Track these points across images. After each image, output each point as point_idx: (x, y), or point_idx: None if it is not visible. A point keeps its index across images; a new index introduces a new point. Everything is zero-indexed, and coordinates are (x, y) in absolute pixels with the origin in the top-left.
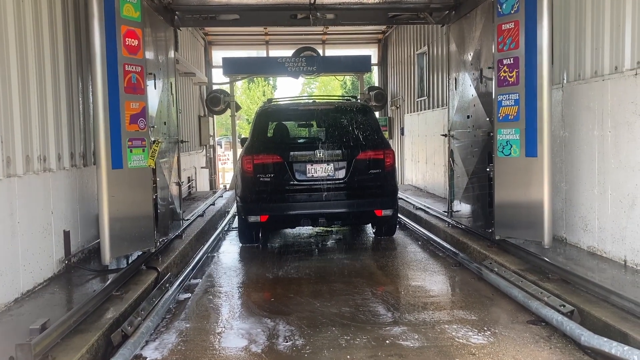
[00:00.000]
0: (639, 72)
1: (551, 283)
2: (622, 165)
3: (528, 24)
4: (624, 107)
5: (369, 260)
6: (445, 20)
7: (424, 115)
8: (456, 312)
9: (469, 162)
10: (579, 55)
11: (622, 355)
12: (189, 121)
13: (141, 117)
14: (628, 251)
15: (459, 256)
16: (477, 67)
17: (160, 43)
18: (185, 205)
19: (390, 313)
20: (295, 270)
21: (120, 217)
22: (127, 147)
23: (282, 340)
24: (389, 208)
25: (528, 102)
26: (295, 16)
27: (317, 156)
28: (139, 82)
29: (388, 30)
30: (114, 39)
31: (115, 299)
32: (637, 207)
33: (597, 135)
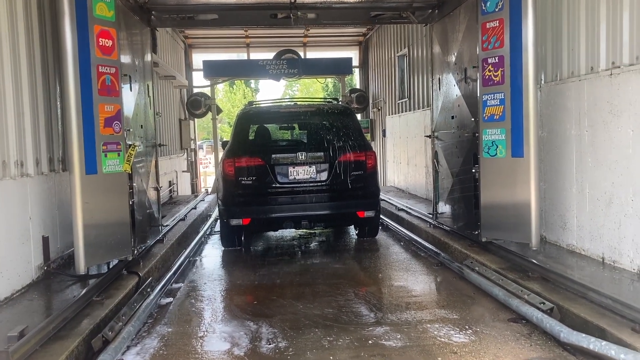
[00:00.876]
0: (613, 73)
1: (531, 281)
2: (599, 164)
3: (513, 21)
4: (599, 107)
5: (351, 261)
6: (428, 19)
7: (405, 117)
8: (438, 312)
9: (454, 163)
10: (556, 56)
11: (600, 350)
12: (169, 125)
13: (116, 120)
14: (606, 248)
15: (440, 256)
16: (461, 67)
17: (137, 44)
18: (167, 209)
19: (372, 313)
20: (278, 272)
21: (95, 225)
22: (101, 151)
23: (265, 343)
24: (371, 209)
25: (514, 101)
26: (275, 16)
27: (299, 158)
28: (114, 84)
29: (369, 32)
30: (86, 39)
31: (95, 304)
32: (613, 205)
33: (574, 135)
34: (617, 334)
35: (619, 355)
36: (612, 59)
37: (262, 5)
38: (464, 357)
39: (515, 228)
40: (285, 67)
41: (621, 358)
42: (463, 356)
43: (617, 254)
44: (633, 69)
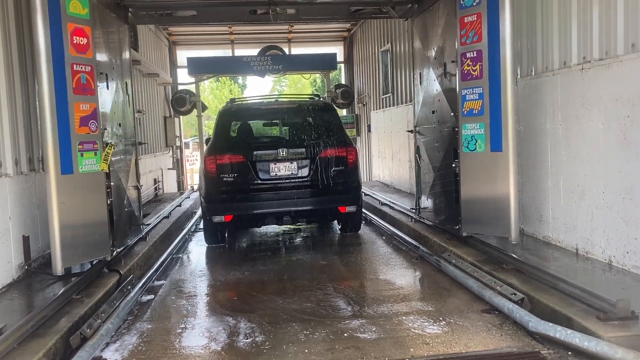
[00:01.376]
0: (585, 67)
1: (505, 273)
2: (572, 157)
3: (490, 15)
4: (572, 101)
5: (333, 256)
6: (408, 14)
7: (389, 112)
8: (414, 304)
9: (435, 158)
10: (531, 51)
11: (565, 338)
12: (153, 122)
13: (92, 119)
14: (579, 240)
15: (420, 250)
16: (441, 62)
17: (114, 42)
18: (152, 207)
19: (350, 307)
20: (260, 268)
21: (72, 225)
22: (77, 151)
23: (242, 337)
24: (352, 204)
25: (492, 95)
26: (254, 12)
27: (281, 155)
28: (89, 82)
29: (353, 28)
30: (60, 37)
31: (75, 302)
32: (586, 198)
33: (549, 129)
34: (583, 323)
35: (582, 342)
36: (584, 54)
37: (241, 1)
38: (435, 348)
39: (495, 222)
40: (270, 63)
41: (585, 345)
42: (435, 347)
43: (589, 245)
44: (603, 64)
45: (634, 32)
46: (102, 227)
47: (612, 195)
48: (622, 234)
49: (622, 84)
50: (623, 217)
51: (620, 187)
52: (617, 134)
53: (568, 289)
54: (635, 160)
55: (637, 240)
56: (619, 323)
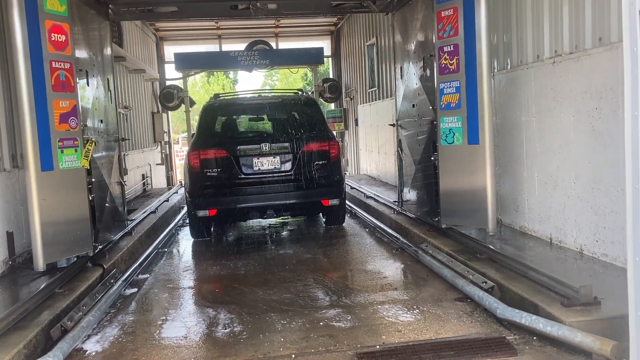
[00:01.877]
0: (556, 61)
1: (479, 262)
2: (546, 149)
3: (466, 9)
4: (545, 94)
5: (316, 248)
6: (389, 8)
7: (375, 105)
8: (390, 293)
9: (416, 151)
10: (507, 45)
11: (530, 324)
12: (140, 118)
13: (72, 116)
14: (553, 229)
15: (400, 241)
16: (420, 56)
17: (94, 38)
18: (139, 202)
19: (328, 297)
20: (244, 261)
21: (53, 221)
22: (57, 147)
23: (221, 328)
24: (335, 197)
25: (469, 89)
26: (235, 7)
27: (264, 149)
28: (69, 79)
29: (339, 22)
30: (37, 35)
31: (58, 295)
32: (559, 188)
33: (524, 121)
34: (547, 309)
35: (545, 327)
36: (555, 48)
37: None
38: (406, 335)
39: (473, 213)
40: (257, 58)
41: (547, 330)
42: (406, 334)
43: (562, 234)
44: (572, 57)
45: (601, 26)
46: (83, 223)
47: (582, 185)
48: (591, 223)
49: (591, 77)
50: (592, 206)
51: (590, 177)
52: (586, 125)
53: (537, 277)
54: (603, 151)
55: (605, 229)
56: (582, 308)
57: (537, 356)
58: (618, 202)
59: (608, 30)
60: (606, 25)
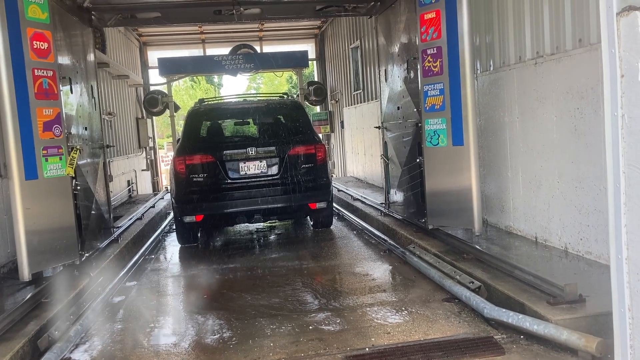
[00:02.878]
0: (538, 62)
1: (465, 262)
2: (529, 149)
3: (449, 12)
4: (528, 95)
5: (304, 252)
6: (372, 11)
7: (360, 108)
8: (378, 295)
9: (402, 153)
10: (489, 46)
11: (517, 323)
12: (125, 124)
13: (56, 123)
14: (538, 228)
15: (387, 243)
16: (404, 59)
17: (77, 45)
18: (125, 209)
19: (316, 301)
20: (232, 266)
21: (38, 230)
22: (42, 156)
23: (210, 334)
24: (322, 200)
25: (452, 91)
26: (219, 12)
27: (250, 154)
28: (52, 87)
29: (323, 25)
30: (19, 42)
31: (44, 305)
32: (543, 188)
33: (507, 122)
34: (534, 307)
35: (532, 326)
36: (537, 49)
37: (205, 2)
38: (395, 337)
39: (458, 214)
40: (242, 62)
41: (534, 329)
42: (395, 335)
43: (547, 233)
44: (554, 58)
45: (581, 28)
46: (69, 231)
47: (566, 184)
48: (575, 221)
49: (572, 78)
50: (576, 205)
51: (573, 176)
52: (568, 125)
53: (523, 276)
54: (585, 150)
55: (589, 227)
56: (567, 306)
57: (524, 355)
58: (601, 200)
59: (587, 32)
60: (585, 27)
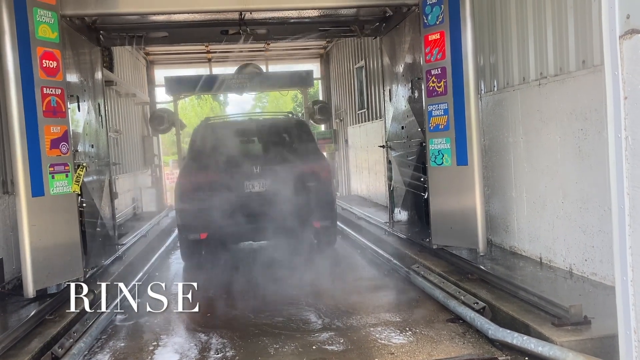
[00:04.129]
0: (542, 83)
1: (470, 283)
2: (534, 169)
3: (453, 34)
4: (531, 115)
5: (307, 270)
6: (377, 32)
7: (364, 127)
8: (382, 315)
9: (406, 173)
10: (494, 67)
11: (522, 344)
12: (131, 142)
13: (63, 141)
14: (542, 249)
15: (391, 262)
16: (408, 79)
17: (85, 63)
18: (129, 226)
19: (320, 320)
20: (235, 285)
21: (43, 247)
22: (48, 173)
23: (213, 353)
24: (326, 219)
25: (457, 111)
26: (226, 32)
27: (254, 172)
28: (60, 105)
29: (329, 45)
30: (29, 61)
31: (48, 322)
32: (547, 208)
33: (511, 142)
34: (538, 329)
35: (537, 347)
36: (540, 70)
37: (211, 22)
38: (399, 357)
39: (463, 234)
40: (247, 81)
41: (539, 350)
42: (399, 356)
43: (552, 254)
44: (557, 79)
45: (584, 49)
46: (74, 248)
47: (570, 205)
48: (580, 242)
49: (575, 99)
50: (581, 226)
51: (578, 197)
52: (572, 146)
53: (527, 297)
54: (590, 171)
55: (594, 248)
56: (572, 328)
57: None
58: (606, 221)
59: (591, 54)
60: (589, 49)
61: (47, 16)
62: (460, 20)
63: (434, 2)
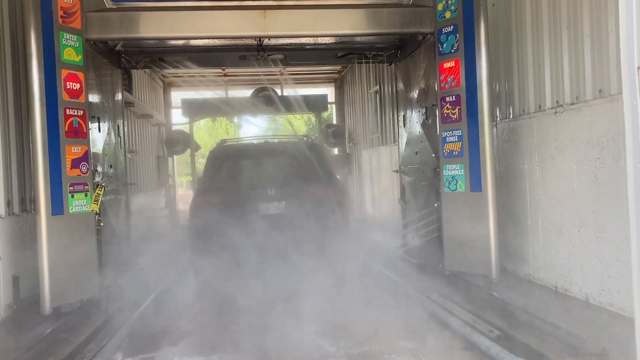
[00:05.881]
0: (558, 111)
1: (485, 310)
2: (549, 197)
3: (467, 62)
4: (547, 143)
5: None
6: (392, 59)
7: (378, 151)
8: (395, 343)
9: (419, 198)
10: (509, 95)
11: None
12: (146, 162)
13: (83, 161)
14: (558, 278)
15: (404, 288)
16: (423, 105)
17: (106, 85)
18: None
19: (332, 347)
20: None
21: (61, 264)
22: (68, 192)
23: None
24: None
25: (471, 138)
26: (244, 57)
27: (269, 194)
28: (81, 125)
29: (343, 70)
30: (54, 83)
31: (62, 342)
32: (563, 236)
33: (527, 169)
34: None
35: None
36: (556, 98)
37: (231, 47)
38: None
39: (476, 260)
40: (263, 104)
41: None
42: None
43: (568, 283)
44: (574, 108)
45: (601, 78)
46: (91, 266)
47: (586, 234)
48: (597, 271)
49: (592, 128)
50: (597, 255)
51: (594, 226)
52: (589, 175)
53: (543, 326)
54: (607, 200)
55: (610, 278)
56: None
57: None
58: (623, 251)
59: (608, 83)
60: (606, 78)
61: (73, 40)
62: (475, 49)
63: (450, 30)
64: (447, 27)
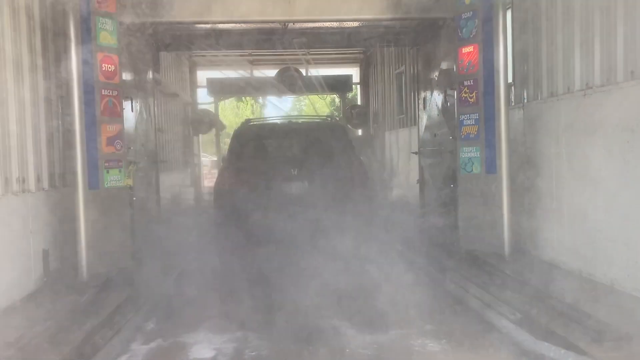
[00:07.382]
0: (587, 93)
1: (507, 293)
2: (575, 181)
3: (485, 47)
4: (575, 126)
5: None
6: (414, 43)
7: (402, 132)
8: (416, 323)
9: (437, 179)
10: (537, 76)
11: (559, 358)
12: (173, 141)
13: (117, 139)
14: (582, 262)
15: (424, 268)
16: (442, 88)
17: (138, 67)
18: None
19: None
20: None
21: (96, 236)
22: (103, 167)
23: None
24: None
25: (487, 121)
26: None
27: (293, 174)
28: (116, 105)
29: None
30: (90, 65)
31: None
32: (588, 221)
33: (553, 152)
34: (576, 343)
35: None
36: (586, 80)
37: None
38: None
39: (490, 239)
40: (287, 84)
41: None
42: None
43: (592, 268)
44: (604, 90)
45: (633, 60)
46: (124, 237)
47: (613, 218)
48: (622, 257)
49: (622, 110)
50: (623, 240)
51: (621, 211)
52: (617, 159)
53: (565, 310)
54: (635, 184)
55: (637, 263)
56: (612, 344)
57: None
58: None
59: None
60: (638, 59)
61: (108, 24)
62: (492, 35)
63: (469, 16)
64: (467, 13)
